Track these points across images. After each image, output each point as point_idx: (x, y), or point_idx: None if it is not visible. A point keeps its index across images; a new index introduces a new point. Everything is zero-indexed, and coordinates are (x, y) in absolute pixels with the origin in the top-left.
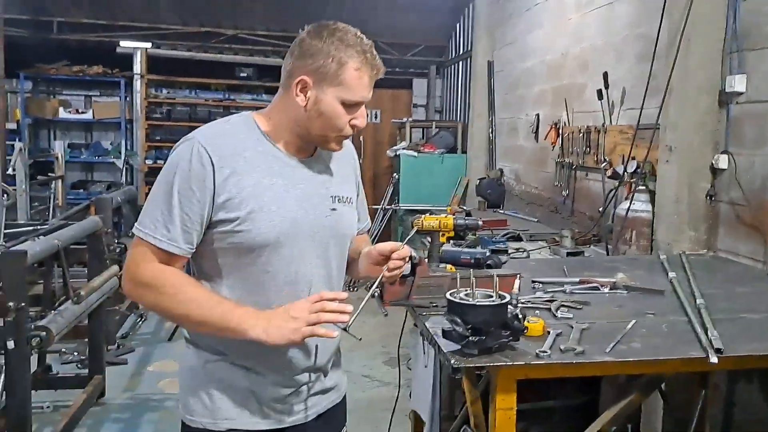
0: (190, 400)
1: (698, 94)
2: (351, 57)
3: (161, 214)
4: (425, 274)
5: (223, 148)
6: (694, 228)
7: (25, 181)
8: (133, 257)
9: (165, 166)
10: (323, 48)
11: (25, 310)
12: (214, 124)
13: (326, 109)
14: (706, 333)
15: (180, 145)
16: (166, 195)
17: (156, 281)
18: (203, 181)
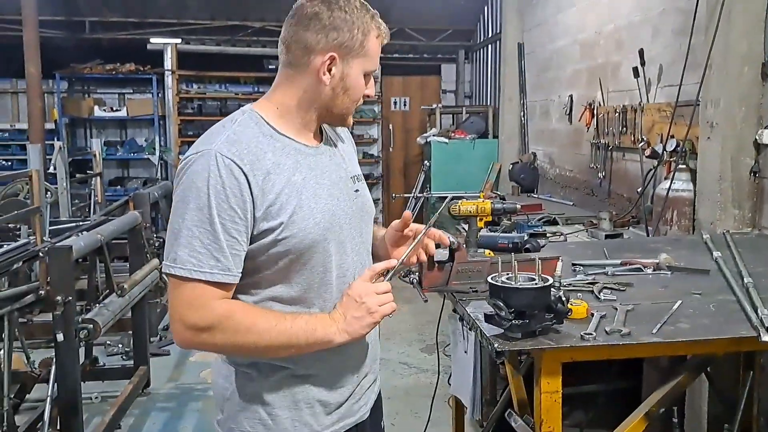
0: (244, 423)
1: (740, 67)
2: (372, 24)
3: (203, 245)
4: (464, 260)
5: (246, 153)
6: (738, 206)
7: (66, 179)
8: (181, 302)
9: (185, 189)
10: (346, 18)
11: (73, 304)
12: (220, 130)
13: (352, 83)
14: (756, 311)
15: (196, 161)
16: (202, 221)
17: (225, 321)
18: (241, 195)
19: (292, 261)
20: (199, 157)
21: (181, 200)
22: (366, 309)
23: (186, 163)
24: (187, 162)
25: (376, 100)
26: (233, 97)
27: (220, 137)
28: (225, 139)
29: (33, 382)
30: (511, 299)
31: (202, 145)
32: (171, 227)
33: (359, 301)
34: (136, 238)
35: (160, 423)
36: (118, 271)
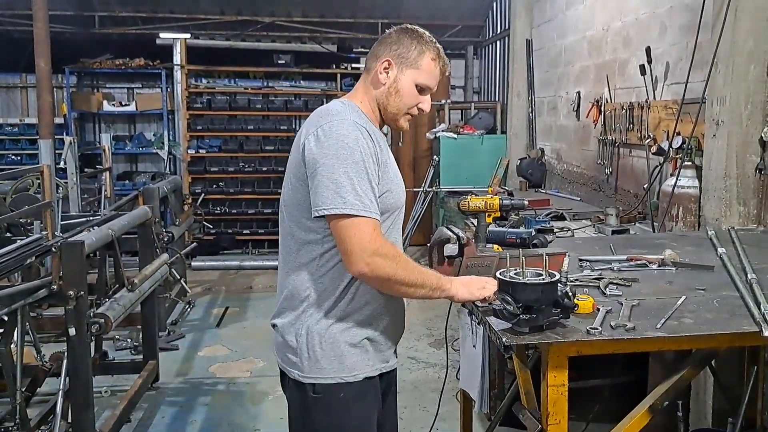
0: (322, 362)
1: (746, 65)
2: (429, 49)
3: (363, 190)
4: (473, 255)
5: (367, 126)
6: (743, 203)
7: (76, 173)
8: (363, 234)
9: (337, 147)
10: (408, 39)
11: (85, 298)
12: (337, 109)
13: (402, 87)
14: (759, 307)
15: (338, 125)
16: (359, 170)
17: (395, 253)
18: (376, 155)
19: (388, 218)
20: (340, 123)
21: (337, 156)
22: (480, 293)
23: (327, 128)
24: (329, 126)
25: None
26: (242, 92)
27: (348, 113)
28: (352, 114)
29: (44, 376)
30: (518, 294)
31: (331, 117)
32: (330, 177)
33: (485, 285)
34: (146, 233)
35: (170, 417)
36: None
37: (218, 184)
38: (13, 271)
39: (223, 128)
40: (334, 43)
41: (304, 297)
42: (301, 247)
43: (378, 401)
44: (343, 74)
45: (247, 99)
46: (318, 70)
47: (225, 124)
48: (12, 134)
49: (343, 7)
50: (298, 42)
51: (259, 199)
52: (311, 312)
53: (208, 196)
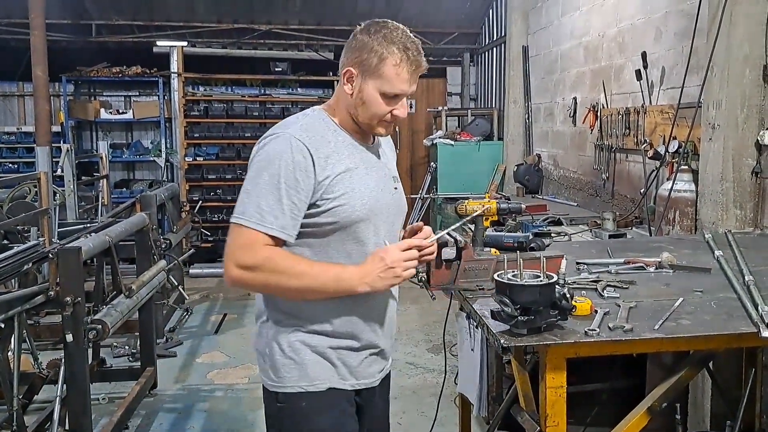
0: (282, 371)
1: (742, 70)
2: (391, 53)
3: (267, 205)
4: (470, 258)
5: (315, 139)
6: (739, 206)
7: (73, 181)
8: (237, 245)
9: (261, 161)
10: (368, 43)
11: (82, 305)
12: (294, 120)
13: (367, 98)
14: (757, 309)
15: (273, 140)
16: (270, 187)
17: (268, 263)
18: (306, 170)
19: (339, 230)
20: (275, 138)
21: (256, 170)
22: (391, 274)
23: (264, 142)
24: (264, 142)
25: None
26: (239, 100)
27: (295, 126)
28: (298, 127)
29: (41, 383)
30: (516, 296)
31: (279, 129)
32: (244, 189)
33: (388, 265)
34: (143, 240)
35: (167, 424)
36: (124, 273)
37: (215, 192)
38: (10, 278)
39: (220, 136)
40: (330, 51)
41: (267, 305)
42: None
43: (352, 414)
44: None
45: (244, 107)
46: (315, 78)
47: (222, 132)
48: (9, 142)
49: (340, 15)
50: (294, 50)
51: None
52: (274, 320)
53: (205, 203)
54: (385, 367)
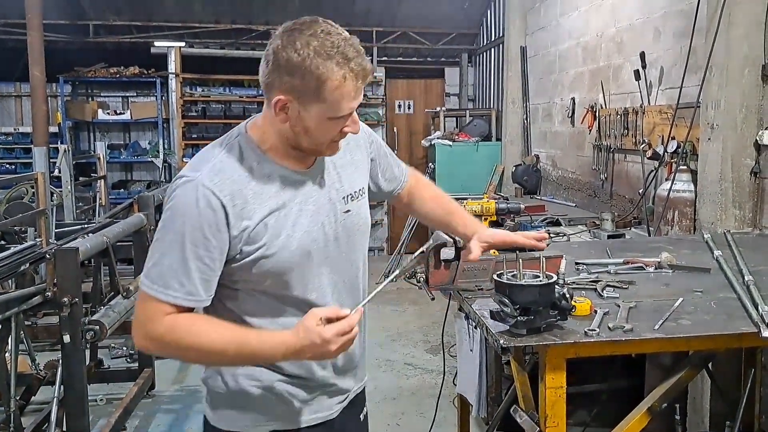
0: (221, 408)
1: (741, 69)
2: (331, 71)
3: (171, 269)
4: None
5: (229, 183)
6: (738, 206)
7: (70, 181)
8: (143, 314)
9: (168, 212)
10: (299, 64)
11: (80, 305)
12: (211, 154)
13: (312, 125)
14: (757, 308)
15: (180, 187)
16: (174, 247)
17: (170, 334)
18: (216, 225)
19: (270, 280)
20: (184, 185)
21: (162, 224)
22: (333, 350)
23: (173, 187)
24: (174, 186)
25: (380, 103)
26: (237, 100)
27: (207, 165)
28: (210, 169)
29: (39, 384)
30: (516, 296)
31: (190, 171)
32: (152, 245)
33: (328, 341)
34: (141, 240)
35: (165, 425)
36: (122, 274)
37: None
38: (7, 278)
39: (218, 136)
40: None
41: None
42: None
43: None
44: None
45: (242, 107)
46: None
47: (220, 133)
48: (6, 143)
49: (338, 16)
50: None
51: None
52: None
53: None
54: (347, 396)
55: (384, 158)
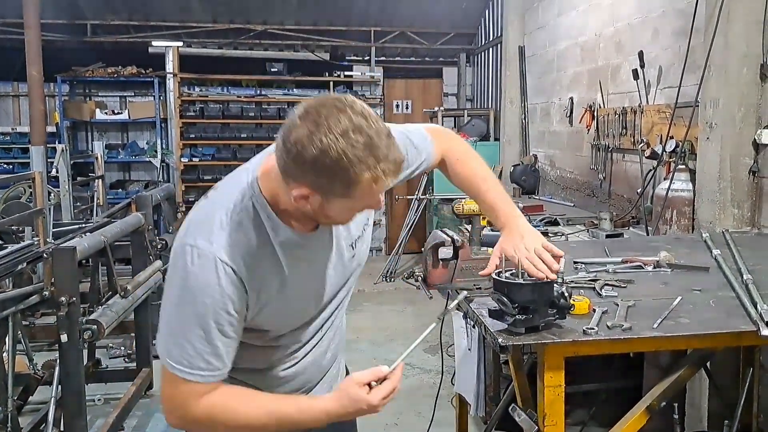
0: None
1: (739, 68)
2: (362, 174)
3: (196, 349)
4: (468, 257)
5: (246, 256)
6: (737, 205)
7: (68, 181)
8: (175, 396)
9: (184, 288)
10: (328, 166)
11: (77, 305)
12: (222, 218)
13: (334, 214)
14: (756, 307)
15: (196, 261)
16: (198, 327)
17: (210, 417)
18: (239, 300)
19: (266, 338)
20: (199, 258)
21: (179, 298)
22: (368, 413)
23: (184, 257)
24: (185, 256)
25: (378, 103)
26: (235, 100)
27: (221, 235)
28: (226, 240)
29: (36, 384)
30: (514, 294)
31: (201, 239)
32: (167, 317)
33: (367, 408)
34: (139, 240)
35: (163, 424)
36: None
37: None
38: (4, 278)
39: (216, 136)
40: (326, 51)
41: None
42: None
43: None
44: (336, 82)
45: (240, 107)
46: (311, 78)
47: (218, 133)
48: (4, 143)
49: (336, 15)
50: (290, 50)
51: None
52: None
53: None
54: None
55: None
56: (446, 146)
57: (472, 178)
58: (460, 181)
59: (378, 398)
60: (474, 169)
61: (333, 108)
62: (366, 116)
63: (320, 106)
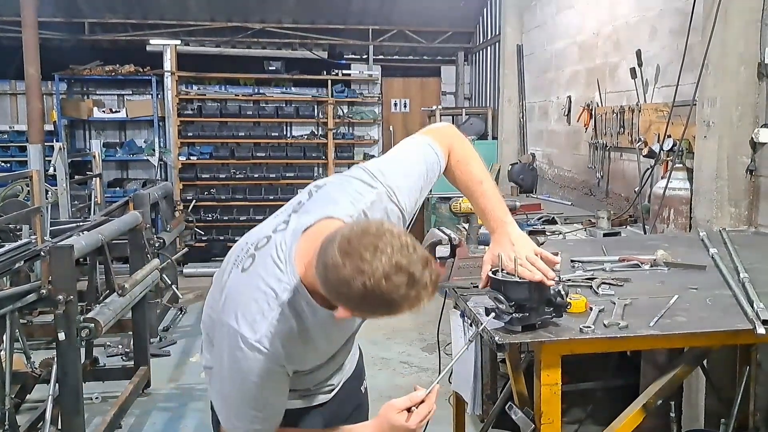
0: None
1: (737, 67)
2: (404, 303)
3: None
4: (465, 256)
5: (285, 343)
6: (734, 204)
7: (66, 179)
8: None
9: (233, 366)
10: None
11: (75, 303)
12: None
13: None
14: (752, 305)
15: (243, 346)
16: (250, 397)
17: None
18: (281, 376)
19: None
20: (244, 345)
21: (230, 377)
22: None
23: (229, 337)
24: (230, 336)
25: (376, 101)
26: (233, 99)
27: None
28: (267, 330)
29: (34, 383)
30: (511, 293)
31: (245, 325)
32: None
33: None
34: (136, 238)
35: (161, 423)
36: (118, 273)
37: (209, 191)
38: (2, 276)
39: (213, 135)
40: (324, 50)
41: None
42: None
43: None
44: (334, 80)
45: (238, 105)
46: (309, 77)
47: (216, 131)
48: (1, 141)
49: (334, 14)
50: (288, 48)
51: (250, 205)
52: None
53: (199, 203)
54: (342, 379)
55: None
56: (448, 147)
57: (468, 181)
58: (457, 183)
59: (415, 422)
60: (471, 173)
61: (372, 248)
62: (405, 246)
63: (360, 246)
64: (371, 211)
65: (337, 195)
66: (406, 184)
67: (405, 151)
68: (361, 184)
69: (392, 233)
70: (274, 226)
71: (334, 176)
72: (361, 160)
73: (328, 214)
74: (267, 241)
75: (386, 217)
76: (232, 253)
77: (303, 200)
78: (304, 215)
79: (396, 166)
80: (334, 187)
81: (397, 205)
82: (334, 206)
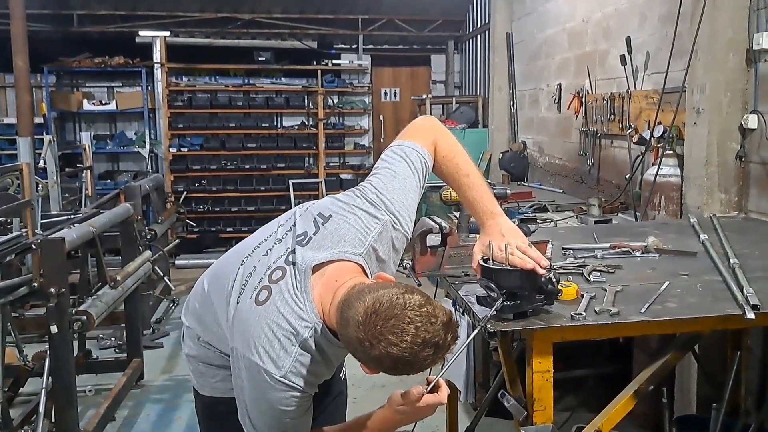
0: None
1: (726, 54)
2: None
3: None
4: (456, 244)
5: (307, 377)
6: (724, 190)
7: (56, 172)
8: None
9: (260, 398)
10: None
11: (66, 295)
12: (287, 345)
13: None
14: (742, 291)
15: (269, 380)
16: (278, 420)
17: None
18: (305, 403)
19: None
20: (269, 379)
21: (257, 407)
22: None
23: (254, 371)
24: (255, 370)
25: (366, 91)
26: (223, 90)
27: (286, 361)
28: (291, 366)
29: (27, 376)
30: (502, 281)
31: (270, 362)
32: (247, 413)
33: (422, 412)
34: (128, 230)
35: (155, 414)
36: (109, 265)
37: (200, 183)
38: None
39: (204, 126)
40: (314, 40)
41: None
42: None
43: None
44: (324, 71)
45: (228, 96)
46: (299, 67)
47: (206, 122)
48: None
49: (324, 3)
50: (278, 39)
51: (241, 197)
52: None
53: (190, 194)
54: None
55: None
56: (433, 144)
57: (455, 174)
58: (444, 177)
59: (426, 402)
60: (458, 166)
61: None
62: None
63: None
64: (378, 243)
65: (345, 232)
66: (405, 205)
67: (395, 165)
68: (367, 216)
69: (412, 307)
70: (280, 253)
71: (336, 203)
72: (352, 149)
73: (340, 256)
74: (282, 275)
75: (392, 245)
76: (233, 270)
77: (308, 231)
78: (314, 251)
79: (393, 187)
80: (340, 221)
81: (401, 231)
82: (343, 245)
